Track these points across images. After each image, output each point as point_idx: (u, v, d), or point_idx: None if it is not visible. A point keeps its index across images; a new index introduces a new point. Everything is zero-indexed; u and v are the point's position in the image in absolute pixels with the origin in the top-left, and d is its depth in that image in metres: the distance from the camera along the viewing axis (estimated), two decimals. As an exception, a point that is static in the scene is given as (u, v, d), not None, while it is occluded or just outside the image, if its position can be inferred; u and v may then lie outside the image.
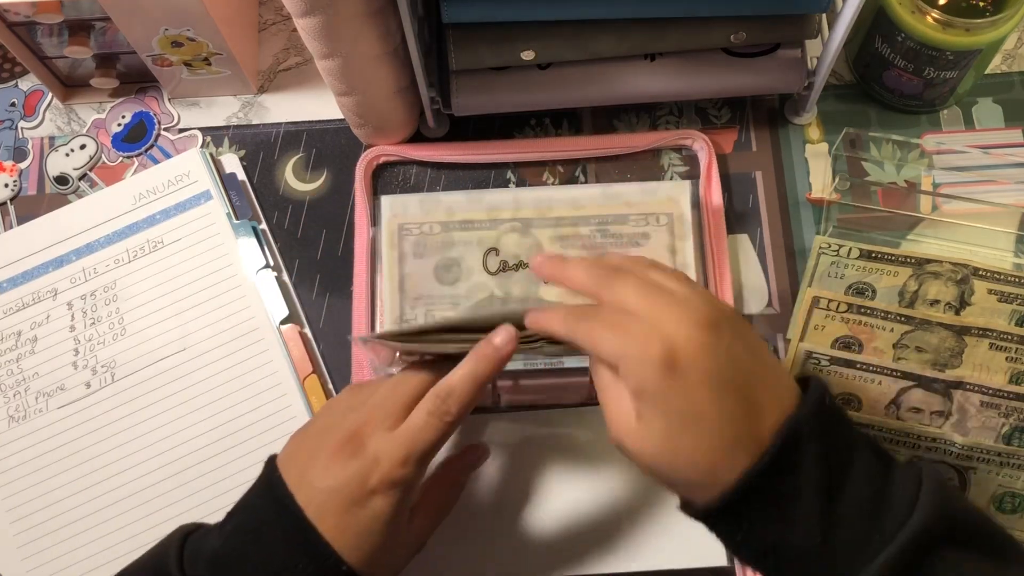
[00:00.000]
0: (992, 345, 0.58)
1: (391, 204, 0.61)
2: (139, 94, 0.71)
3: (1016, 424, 0.57)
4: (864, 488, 0.40)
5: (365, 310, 0.62)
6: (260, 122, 0.69)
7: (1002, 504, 0.57)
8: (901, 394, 0.57)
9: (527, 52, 0.59)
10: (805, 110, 0.66)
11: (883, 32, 0.61)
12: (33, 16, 0.61)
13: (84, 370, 0.63)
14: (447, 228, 0.60)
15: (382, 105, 0.61)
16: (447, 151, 0.66)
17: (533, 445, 0.59)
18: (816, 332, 0.60)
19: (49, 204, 0.68)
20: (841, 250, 0.60)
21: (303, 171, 0.68)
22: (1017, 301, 0.59)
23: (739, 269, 0.64)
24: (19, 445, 0.62)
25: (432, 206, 0.61)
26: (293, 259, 0.66)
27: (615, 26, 0.59)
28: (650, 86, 0.62)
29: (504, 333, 0.46)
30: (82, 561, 0.59)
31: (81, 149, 0.69)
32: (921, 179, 0.65)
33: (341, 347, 0.63)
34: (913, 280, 0.60)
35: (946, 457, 0.56)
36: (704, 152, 0.65)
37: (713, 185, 0.64)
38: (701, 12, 0.58)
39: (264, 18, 0.72)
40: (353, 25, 0.53)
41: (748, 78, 0.62)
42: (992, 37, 0.58)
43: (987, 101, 0.67)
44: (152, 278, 0.64)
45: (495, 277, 0.59)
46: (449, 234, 0.60)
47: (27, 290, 0.65)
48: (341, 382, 0.62)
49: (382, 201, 0.61)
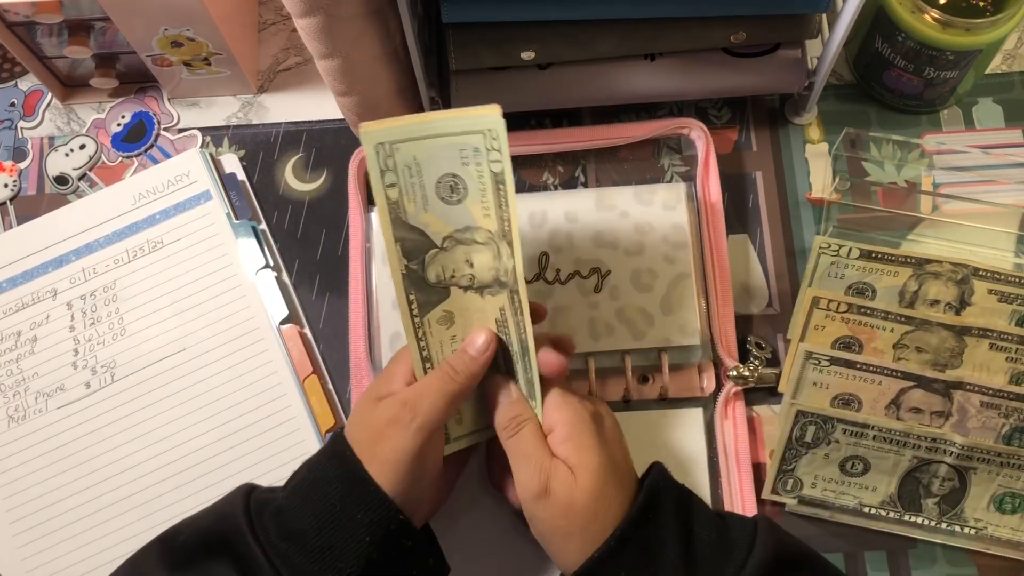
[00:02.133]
0: (992, 345, 0.58)
1: None
2: (139, 94, 0.71)
3: (1016, 424, 0.57)
4: (709, 532, 0.47)
5: (362, 314, 0.62)
6: (260, 122, 0.69)
7: (1002, 504, 0.57)
8: (901, 394, 0.57)
9: (527, 52, 0.59)
10: (805, 110, 0.66)
11: (883, 32, 0.61)
12: (33, 16, 0.61)
13: (84, 370, 0.63)
14: None
15: (382, 105, 0.61)
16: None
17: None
18: (816, 332, 0.60)
19: (49, 204, 0.68)
20: (841, 250, 0.60)
21: (303, 171, 0.68)
22: (1017, 301, 0.59)
23: (739, 269, 0.64)
24: (19, 445, 0.62)
25: None
26: (293, 259, 0.66)
27: (615, 26, 0.59)
28: (650, 86, 0.62)
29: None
30: (82, 561, 0.59)
31: (81, 149, 0.69)
32: (921, 179, 0.65)
33: (341, 347, 0.63)
34: (913, 280, 0.60)
35: (946, 457, 0.56)
36: (702, 141, 0.65)
37: (711, 176, 0.64)
38: (701, 12, 0.58)
39: (264, 18, 0.72)
40: (353, 25, 0.53)
41: (748, 78, 0.62)
42: (992, 37, 0.58)
43: (987, 101, 0.67)
44: (152, 278, 0.64)
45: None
46: None
47: (27, 290, 0.65)
48: (341, 382, 0.62)
49: (373, 218, 0.61)
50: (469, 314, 0.50)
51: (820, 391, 0.58)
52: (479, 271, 0.49)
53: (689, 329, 0.59)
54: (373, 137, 0.47)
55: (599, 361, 0.60)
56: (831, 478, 0.57)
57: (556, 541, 0.48)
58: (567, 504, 0.46)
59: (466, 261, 0.49)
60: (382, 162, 0.47)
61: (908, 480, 0.57)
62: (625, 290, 0.60)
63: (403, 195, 0.48)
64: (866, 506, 0.57)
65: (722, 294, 0.61)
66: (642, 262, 0.60)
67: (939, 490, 0.57)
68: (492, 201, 0.48)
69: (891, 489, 0.57)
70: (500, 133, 0.47)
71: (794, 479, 0.58)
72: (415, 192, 0.48)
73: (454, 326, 0.50)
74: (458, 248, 0.49)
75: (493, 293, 0.49)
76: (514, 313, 0.49)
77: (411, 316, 0.50)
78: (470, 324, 0.50)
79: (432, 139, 0.47)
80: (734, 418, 0.59)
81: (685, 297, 0.60)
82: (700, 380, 0.61)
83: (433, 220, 0.49)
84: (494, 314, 0.50)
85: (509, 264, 0.48)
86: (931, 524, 0.57)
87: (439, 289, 0.50)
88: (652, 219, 0.61)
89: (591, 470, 0.47)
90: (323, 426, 0.61)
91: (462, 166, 0.48)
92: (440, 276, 0.49)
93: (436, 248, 0.49)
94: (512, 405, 0.50)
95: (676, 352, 0.60)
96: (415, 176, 0.48)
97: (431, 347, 0.50)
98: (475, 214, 0.49)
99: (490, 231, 0.48)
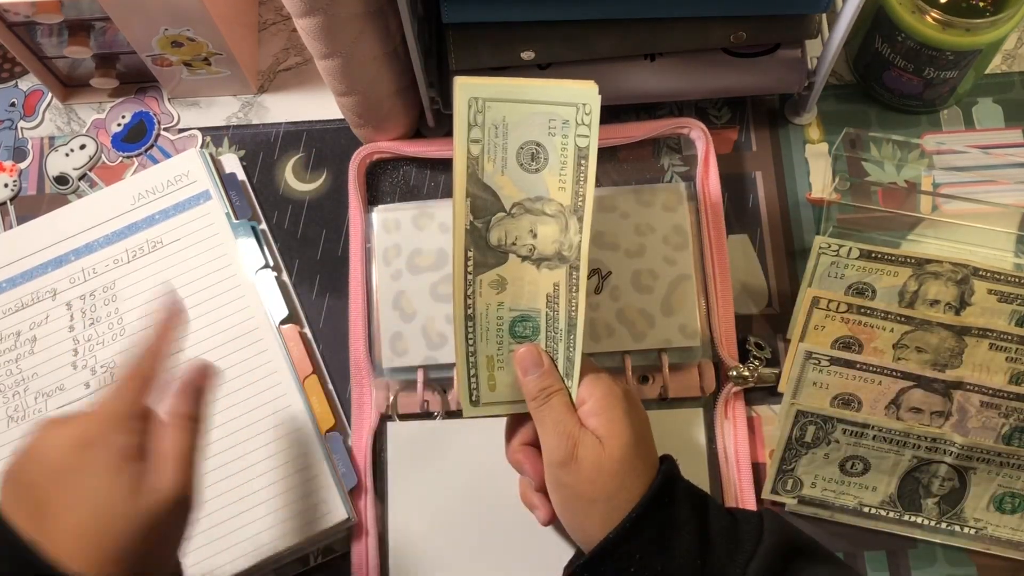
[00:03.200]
0: (992, 345, 0.58)
1: (383, 221, 0.61)
2: (139, 94, 0.71)
3: (1016, 424, 0.57)
4: (722, 519, 0.47)
5: (362, 314, 0.62)
6: (260, 122, 0.69)
7: (1002, 504, 0.57)
8: (901, 394, 0.57)
9: (527, 52, 0.59)
10: (805, 110, 0.66)
11: (883, 32, 0.61)
12: (33, 16, 0.61)
13: (83, 370, 0.63)
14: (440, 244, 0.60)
15: (382, 105, 0.61)
16: (440, 146, 0.66)
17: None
18: (816, 332, 0.60)
19: (49, 204, 0.68)
20: (841, 250, 0.60)
21: (303, 171, 0.68)
22: (1017, 301, 0.59)
23: (739, 269, 0.64)
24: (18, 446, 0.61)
25: (425, 221, 0.61)
26: (293, 259, 0.66)
27: (615, 26, 0.59)
28: (650, 86, 0.62)
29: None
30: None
31: (81, 149, 0.69)
32: (921, 179, 0.65)
33: (341, 347, 0.63)
34: (913, 280, 0.60)
35: (946, 457, 0.56)
36: (701, 141, 0.65)
37: (711, 175, 0.64)
38: (701, 12, 0.58)
39: (264, 18, 0.72)
40: (353, 25, 0.53)
41: (748, 78, 0.62)
42: (992, 37, 0.58)
43: (987, 101, 0.67)
44: (151, 278, 0.64)
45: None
46: (443, 251, 0.60)
47: (26, 290, 0.65)
48: (341, 382, 0.62)
49: (374, 218, 0.61)
50: (522, 284, 0.51)
51: (820, 391, 0.58)
52: (541, 243, 0.50)
53: (689, 331, 0.59)
54: (468, 90, 0.49)
55: (599, 362, 0.60)
56: (831, 478, 0.57)
57: (580, 508, 0.47)
58: (595, 469, 0.46)
59: (530, 231, 0.50)
60: (472, 116, 0.49)
61: (908, 480, 0.57)
62: (625, 291, 0.60)
63: (484, 153, 0.49)
64: (866, 506, 0.57)
65: (722, 294, 0.61)
66: (642, 263, 0.60)
67: (939, 490, 0.57)
68: (570, 175, 0.50)
69: (891, 489, 0.57)
70: (594, 108, 0.49)
71: (794, 479, 0.58)
72: (496, 152, 0.50)
73: (504, 292, 0.51)
74: (525, 216, 0.50)
75: (551, 267, 0.50)
76: (568, 289, 0.50)
77: (464, 272, 0.50)
78: (521, 294, 0.51)
79: (525, 103, 0.49)
80: (734, 418, 0.59)
81: (686, 299, 0.60)
82: (700, 380, 0.61)
83: (507, 184, 0.50)
84: (546, 288, 0.51)
85: (576, 240, 0.50)
86: (931, 524, 0.57)
87: (498, 253, 0.50)
88: (652, 220, 0.61)
89: (622, 442, 0.47)
90: (323, 426, 0.61)
91: (548, 136, 0.50)
92: (501, 240, 0.50)
93: (504, 212, 0.50)
94: (544, 375, 0.49)
95: (676, 353, 0.60)
96: (500, 137, 0.50)
97: (477, 307, 0.50)
98: (550, 185, 0.50)
99: (562, 204, 0.50)
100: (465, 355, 0.51)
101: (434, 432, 0.58)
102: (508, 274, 0.51)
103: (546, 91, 0.50)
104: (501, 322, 0.51)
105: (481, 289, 0.50)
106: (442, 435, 0.58)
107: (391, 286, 0.60)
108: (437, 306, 0.60)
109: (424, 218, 0.61)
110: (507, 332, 0.51)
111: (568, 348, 0.50)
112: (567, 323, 0.50)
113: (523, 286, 0.51)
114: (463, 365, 0.51)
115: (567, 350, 0.51)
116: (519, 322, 0.51)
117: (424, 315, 0.59)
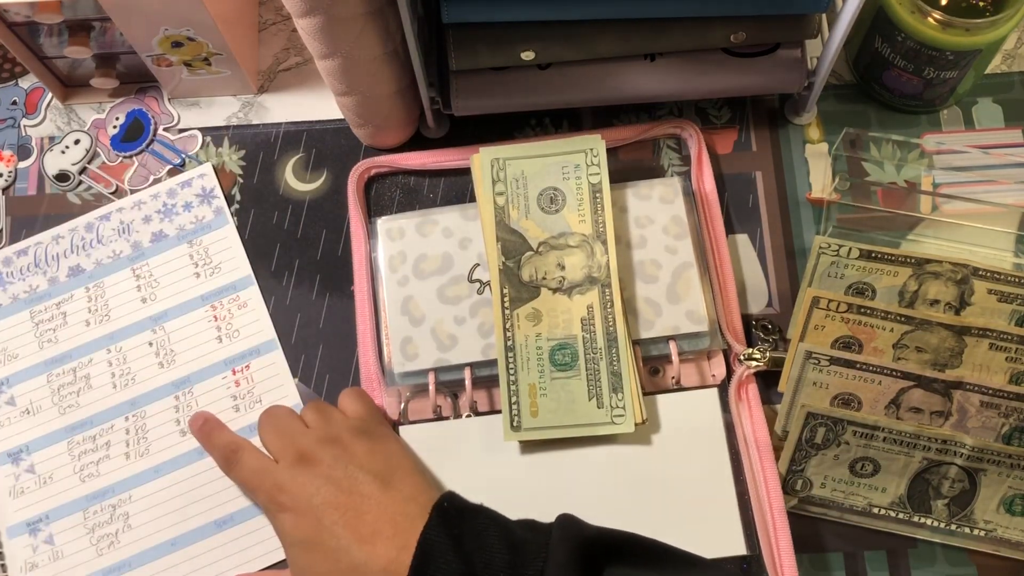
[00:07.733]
0: (992, 345, 0.58)
1: (388, 231, 0.61)
2: (139, 94, 0.71)
3: (1016, 424, 0.57)
4: (502, 554, 0.46)
5: (370, 327, 0.61)
6: (260, 122, 0.69)
7: (1012, 506, 0.57)
8: (901, 394, 0.57)
9: (527, 52, 0.59)
10: (805, 110, 0.66)
11: (883, 32, 0.61)
12: (33, 16, 0.61)
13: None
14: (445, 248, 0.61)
15: (382, 105, 0.61)
16: (436, 157, 0.66)
17: (541, 446, 0.59)
18: (816, 332, 0.60)
19: (49, 204, 0.68)
20: (841, 250, 0.60)
21: (303, 171, 0.68)
22: (1017, 301, 0.59)
23: (739, 269, 0.64)
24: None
25: (429, 228, 0.61)
26: (293, 259, 0.65)
27: (615, 26, 0.59)
28: (650, 86, 0.62)
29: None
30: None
31: (76, 144, 0.69)
32: (921, 179, 0.65)
33: (341, 347, 0.63)
34: (913, 280, 0.60)
35: (956, 459, 0.56)
36: (694, 140, 0.65)
37: (705, 173, 0.64)
38: (701, 12, 0.58)
39: (264, 18, 0.72)
40: (353, 25, 0.53)
41: (748, 78, 0.63)
42: (992, 37, 0.58)
43: (987, 101, 0.67)
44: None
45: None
46: (448, 255, 0.60)
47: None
48: (341, 383, 0.62)
49: (378, 227, 0.62)
50: (556, 315, 0.57)
51: (820, 391, 0.58)
52: (570, 271, 0.58)
53: (697, 316, 0.59)
54: (489, 154, 0.60)
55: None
56: (841, 479, 0.57)
57: None
58: None
59: (558, 264, 0.58)
60: (494, 174, 0.59)
61: (918, 481, 0.57)
62: (630, 282, 0.60)
63: (508, 202, 0.59)
64: (875, 507, 0.57)
65: (725, 282, 0.61)
66: (645, 254, 0.60)
67: (949, 491, 0.57)
68: (588, 208, 0.58)
69: (901, 490, 0.57)
70: (600, 152, 0.59)
71: (803, 479, 0.58)
72: (519, 201, 0.59)
73: (540, 324, 0.57)
74: (551, 253, 0.58)
75: (582, 292, 0.57)
76: (603, 307, 0.56)
77: (502, 307, 0.57)
78: (556, 323, 0.57)
79: (540, 158, 0.59)
80: (748, 400, 0.59)
81: (690, 285, 0.60)
82: (710, 368, 0.61)
83: (532, 226, 0.58)
84: (580, 313, 0.57)
85: (603, 260, 0.58)
86: (940, 525, 0.57)
87: (531, 287, 0.57)
88: (651, 212, 0.61)
89: None
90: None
91: (563, 180, 0.59)
92: (533, 276, 0.58)
93: (532, 251, 0.58)
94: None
95: (685, 340, 0.60)
96: (521, 188, 0.59)
97: (516, 339, 0.57)
98: (570, 222, 0.58)
99: (584, 235, 0.58)
100: (507, 383, 0.56)
101: (445, 435, 0.58)
102: (542, 306, 0.57)
103: (556, 145, 0.59)
104: (540, 351, 0.56)
105: (519, 322, 0.57)
106: (453, 438, 0.58)
107: (398, 292, 0.60)
108: (445, 308, 0.60)
109: (428, 225, 0.61)
110: (547, 360, 0.56)
111: (611, 363, 0.56)
112: (606, 340, 0.56)
113: (557, 316, 0.57)
114: (505, 393, 0.56)
115: (610, 365, 0.55)
116: (558, 350, 0.56)
117: (433, 318, 0.59)
